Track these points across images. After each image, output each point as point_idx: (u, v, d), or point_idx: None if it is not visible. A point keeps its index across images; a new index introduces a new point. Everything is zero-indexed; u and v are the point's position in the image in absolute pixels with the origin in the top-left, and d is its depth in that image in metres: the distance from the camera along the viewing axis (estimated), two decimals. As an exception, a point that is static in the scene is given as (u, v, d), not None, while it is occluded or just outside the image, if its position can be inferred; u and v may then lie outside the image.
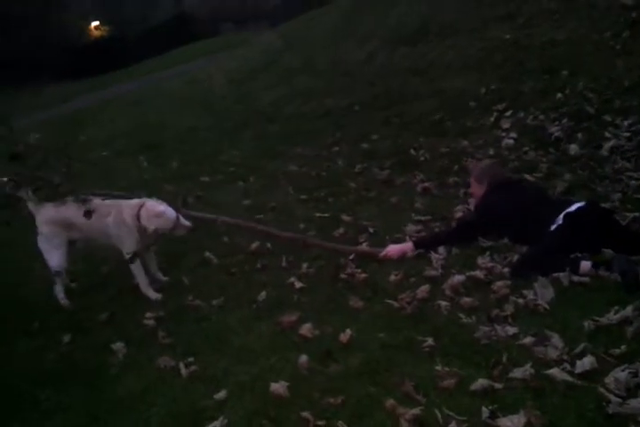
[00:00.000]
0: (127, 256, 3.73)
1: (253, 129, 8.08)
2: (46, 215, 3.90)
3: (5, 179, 3.77)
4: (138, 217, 3.67)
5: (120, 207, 3.77)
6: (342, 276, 3.52)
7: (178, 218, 3.71)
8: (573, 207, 3.19)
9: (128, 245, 3.77)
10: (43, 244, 3.91)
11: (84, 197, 3.59)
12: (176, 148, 8.10)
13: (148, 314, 3.51)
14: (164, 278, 4.09)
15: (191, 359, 2.92)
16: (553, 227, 3.17)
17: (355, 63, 8.98)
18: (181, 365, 2.88)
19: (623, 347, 2.30)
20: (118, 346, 3.20)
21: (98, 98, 15.27)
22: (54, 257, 3.89)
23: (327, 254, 3.90)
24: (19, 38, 26.34)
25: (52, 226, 3.88)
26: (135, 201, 3.80)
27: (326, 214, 4.69)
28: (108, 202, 3.89)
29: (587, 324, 2.49)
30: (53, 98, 17.58)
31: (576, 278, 2.86)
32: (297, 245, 4.03)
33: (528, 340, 2.47)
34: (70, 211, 3.78)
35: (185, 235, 3.79)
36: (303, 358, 2.64)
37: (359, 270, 3.53)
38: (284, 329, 3.02)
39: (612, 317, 2.50)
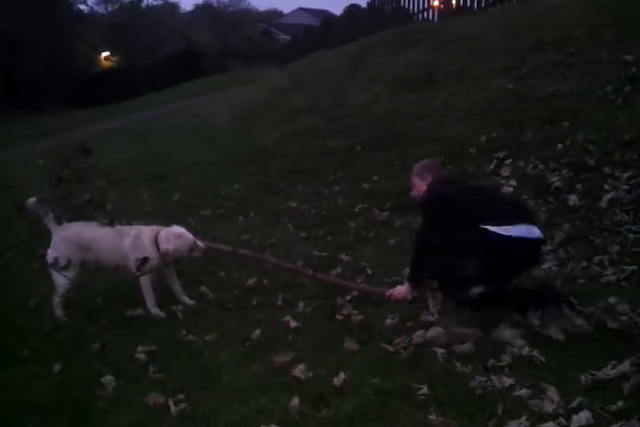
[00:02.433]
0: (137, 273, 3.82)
1: (256, 165, 8.15)
2: (64, 235, 3.98)
3: (34, 199, 3.88)
4: (156, 241, 3.86)
5: (139, 230, 3.96)
6: (338, 317, 3.51)
7: (195, 241, 3.90)
8: (514, 236, 3.04)
9: None
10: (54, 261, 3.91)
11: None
12: (178, 180, 8.15)
13: (140, 347, 3.46)
14: (191, 302, 4.11)
15: (181, 397, 2.87)
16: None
17: (359, 105, 9.11)
18: (171, 402, 2.82)
19: (620, 403, 2.28)
20: (107, 379, 3.12)
21: (104, 128, 15.40)
22: (61, 277, 3.91)
23: (324, 294, 3.89)
24: (29, 66, 26.79)
25: (69, 246, 3.94)
26: (153, 226, 4.03)
27: (324, 253, 4.70)
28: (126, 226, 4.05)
29: (584, 377, 2.48)
30: (59, 126, 17.71)
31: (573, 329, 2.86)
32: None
33: (524, 392, 2.46)
34: (89, 232, 3.97)
35: (202, 257, 3.97)
36: (295, 401, 2.60)
37: (356, 312, 3.51)
38: (277, 369, 2.99)
39: (610, 371, 2.50)
